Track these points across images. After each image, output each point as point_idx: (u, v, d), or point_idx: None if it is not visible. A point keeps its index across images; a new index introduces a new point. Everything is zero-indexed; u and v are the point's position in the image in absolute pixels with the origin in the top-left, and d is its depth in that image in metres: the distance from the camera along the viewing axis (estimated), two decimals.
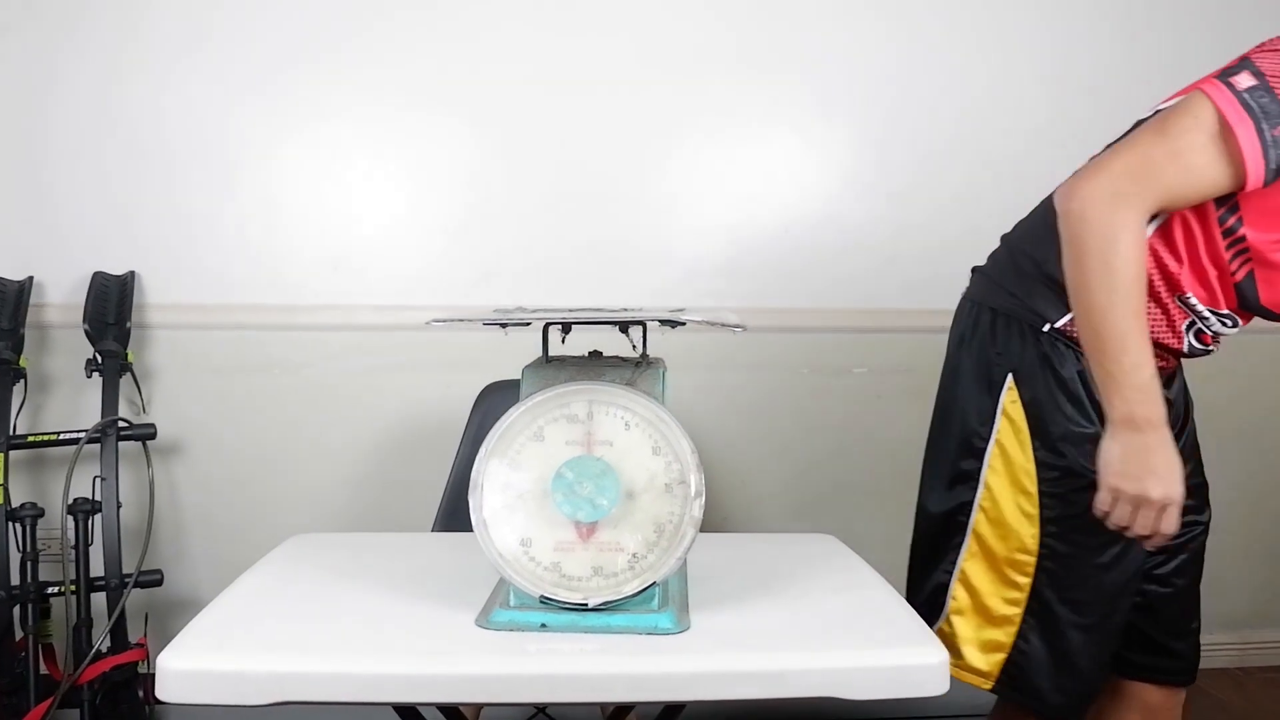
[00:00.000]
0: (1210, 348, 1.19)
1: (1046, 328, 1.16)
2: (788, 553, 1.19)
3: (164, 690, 0.81)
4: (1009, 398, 1.18)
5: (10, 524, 1.71)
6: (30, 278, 1.87)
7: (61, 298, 1.91)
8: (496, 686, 0.83)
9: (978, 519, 1.20)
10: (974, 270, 1.34)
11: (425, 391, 1.98)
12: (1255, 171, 1.01)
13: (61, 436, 1.79)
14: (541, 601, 0.89)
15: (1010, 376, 1.18)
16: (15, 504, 1.73)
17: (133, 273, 1.91)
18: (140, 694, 1.75)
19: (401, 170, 1.97)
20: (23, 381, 1.81)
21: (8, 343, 1.78)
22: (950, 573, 1.23)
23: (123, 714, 1.73)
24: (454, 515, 1.52)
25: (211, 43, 1.91)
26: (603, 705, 1.31)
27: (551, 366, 0.96)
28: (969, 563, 1.21)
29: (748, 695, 0.83)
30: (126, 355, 1.85)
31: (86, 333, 1.82)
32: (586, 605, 0.89)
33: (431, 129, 1.97)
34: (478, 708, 1.33)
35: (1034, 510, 1.16)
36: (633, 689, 0.85)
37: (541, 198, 1.99)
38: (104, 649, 1.71)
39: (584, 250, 2.00)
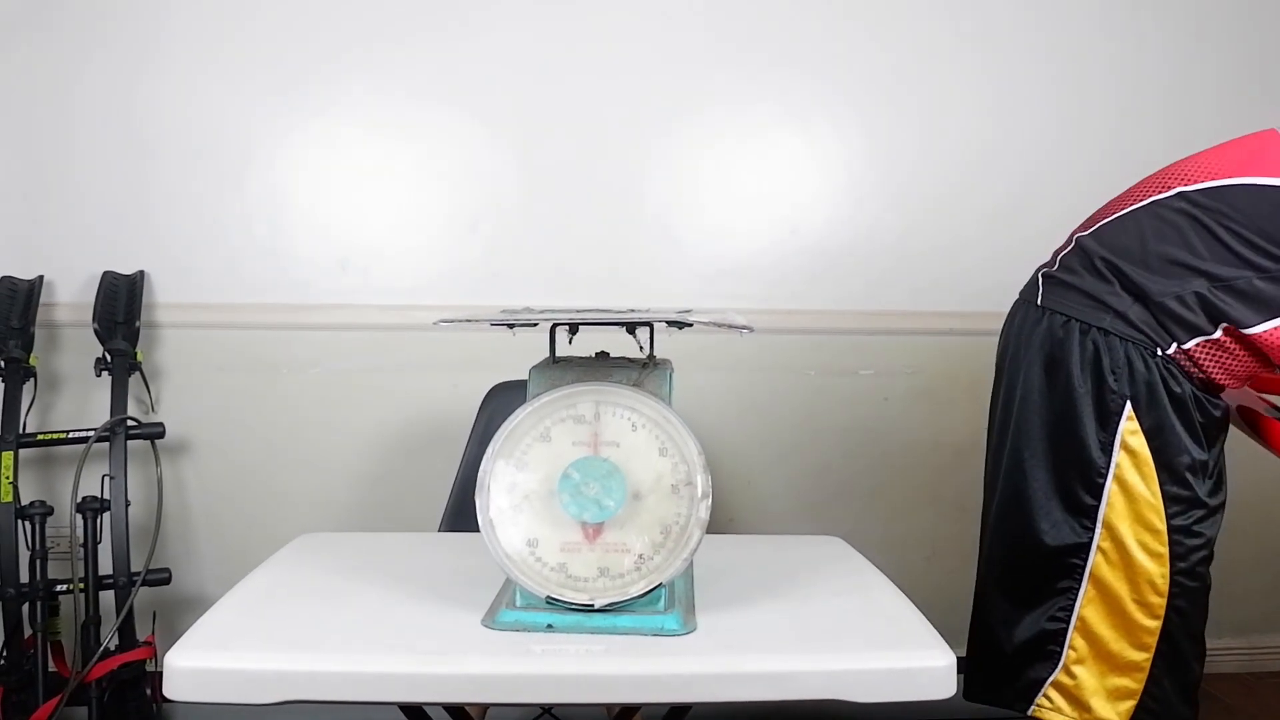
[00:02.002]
0: None
1: (1159, 353, 1.12)
2: (794, 554, 1.19)
3: (171, 688, 0.81)
4: (1128, 428, 1.12)
5: (20, 522, 1.72)
6: (40, 277, 1.88)
7: (71, 297, 1.92)
8: (502, 687, 0.83)
9: (1097, 562, 1.13)
10: (1045, 276, 1.26)
11: (432, 391, 1.98)
12: None
13: (71, 435, 1.80)
14: (548, 602, 0.89)
15: (1128, 405, 1.12)
16: (25, 502, 1.74)
17: (142, 272, 1.92)
18: (148, 692, 1.76)
19: (410, 170, 1.98)
20: (33, 380, 1.82)
21: (18, 341, 1.79)
22: (1065, 620, 1.15)
23: (130, 712, 1.73)
24: (461, 515, 1.52)
25: (221, 43, 1.92)
26: (608, 706, 1.31)
27: (558, 367, 0.96)
28: (1088, 609, 1.14)
29: (754, 697, 0.83)
30: (135, 354, 1.85)
31: (96, 332, 1.82)
32: (593, 606, 0.89)
33: (440, 129, 1.97)
34: (483, 708, 1.33)
35: (1163, 549, 1.11)
36: (638, 690, 0.84)
37: (549, 199, 1.99)
38: (112, 647, 1.72)
39: (591, 251, 2.00)
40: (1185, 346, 1.13)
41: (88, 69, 1.91)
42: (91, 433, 1.77)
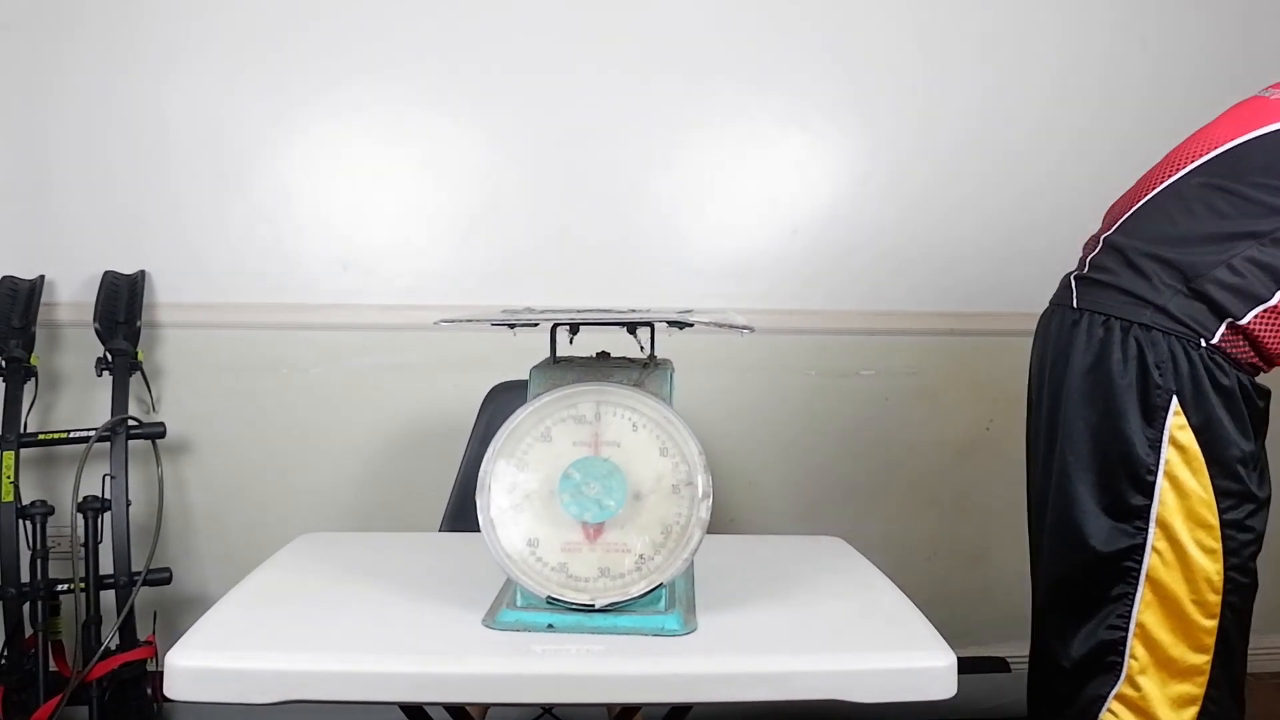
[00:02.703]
0: None
1: (1203, 344, 1.09)
2: (795, 555, 1.19)
3: (172, 688, 0.81)
4: (1176, 423, 1.09)
5: (21, 521, 1.72)
6: (41, 276, 1.88)
7: (72, 296, 1.92)
8: (503, 687, 0.83)
9: (1152, 564, 1.10)
10: (1078, 279, 1.24)
11: (433, 391, 1.98)
12: None
13: (72, 435, 1.80)
14: (548, 602, 0.89)
15: (1175, 400, 1.09)
16: (26, 501, 1.74)
17: (143, 272, 1.92)
18: (149, 691, 1.76)
19: (411, 170, 1.98)
20: (34, 380, 1.82)
21: (19, 341, 1.79)
22: (1124, 628, 1.11)
23: (131, 711, 1.74)
24: (461, 515, 1.52)
25: (223, 42, 1.92)
26: (609, 706, 1.31)
27: (559, 367, 0.96)
28: (1146, 613, 1.10)
29: (754, 697, 0.83)
30: (136, 354, 1.85)
31: (97, 331, 1.83)
32: (593, 606, 0.89)
33: (442, 129, 1.97)
34: (484, 708, 1.33)
35: (1216, 545, 1.08)
36: (639, 690, 0.84)
37: (550, 198, 1.99)
38: (113, 646, 1.72)
39: (592, 251, 2.00)
40: (1242, 322, 1.10)
41: (88, 67, 1.91)
42: (92, 432, 1.77)
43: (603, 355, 1.00)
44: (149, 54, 1.91)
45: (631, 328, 1.02)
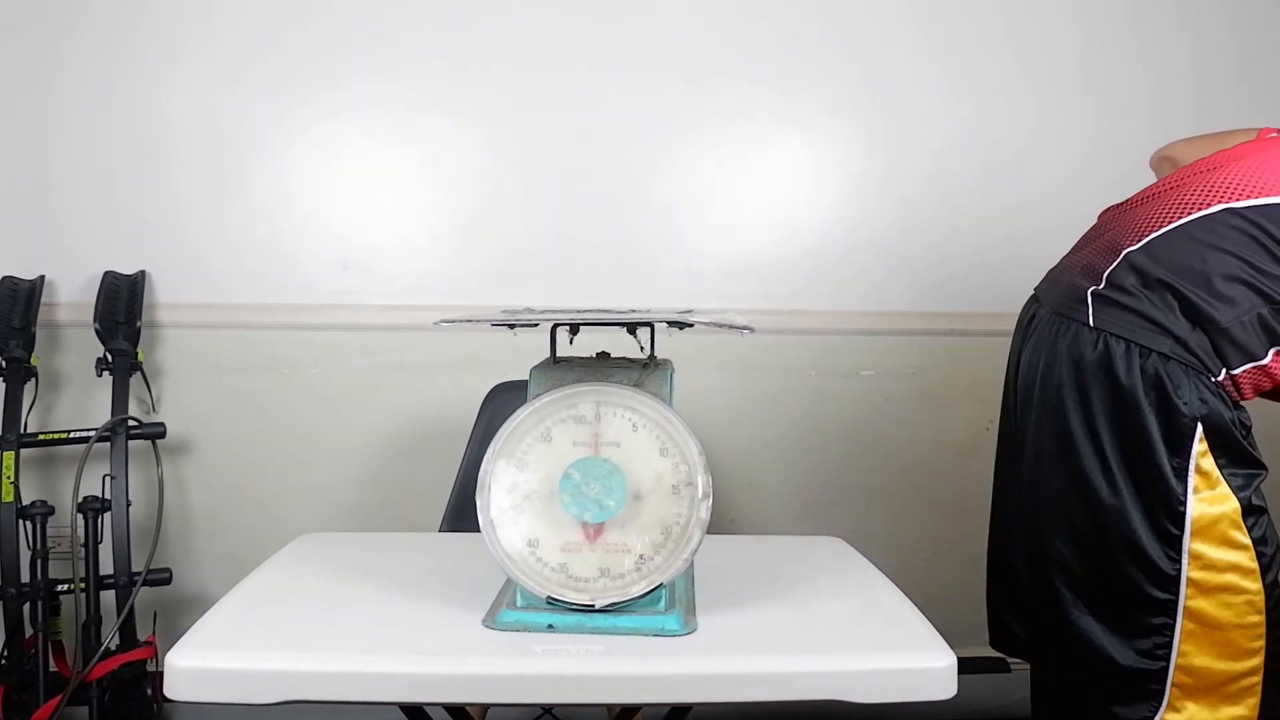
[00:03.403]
0: None
1: (1211, 379, 1.12)
2: (795, 555, 1.19)
3: (172, 688, 0.81)
4: (1199, 450, 1.11)
5: (21, 521, 1.72)
6: (42, 277, 1.88)
7: (72, 297, 1.92)
8: (503, 687, 0.83)
9: (1189, 594, 1.09)
10: (1095, 295, 1.22)
11: (433, 391, 1.98)
12: None
13: (72, 435, 1.80)
14: (548, 602, 0.89)
15: (1199, 427, 1.11)
16: (26, 501, 1.74)
17: (143, 272, 1.92)
18: (149, 691, 1.76)
19: (411, 170, 1.98)
20: (34, 380, 1.82)
21: (19, 341, 1.79)
22: (1165, 659, 1.11)
23: (131, 711, 1.74)
24: (461, 515, 1.52)
25: (223, 42, 1.92)
26: (609, 706, 1.31)
27: (559, 367, 0.96)
28: (1187, 644, 1.10)
29: (754, 697, 0.83)
30: (137, 354, 1.85)
31: (97, 332, 1.83)
32: (593, 606, 0.89)
33: (441, 129, 1.97)
34: (484, 708, 1.33)
35: (1252, 564, 1.09)
36: (639, 690, 0.84)
37: (550, 199, 1.99)
38: (113, 647, 1.72)
39: (592, 251, 2.00)
40: (1235, 371, 1.14)
41: (88, 67, 1.91)
42: (93, 433, 1.77)
43: (603, 355, 1.00)
44: (149, 54, 1.91)
45: (631, 328, 1.02)
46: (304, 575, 1.07)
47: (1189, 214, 1.18)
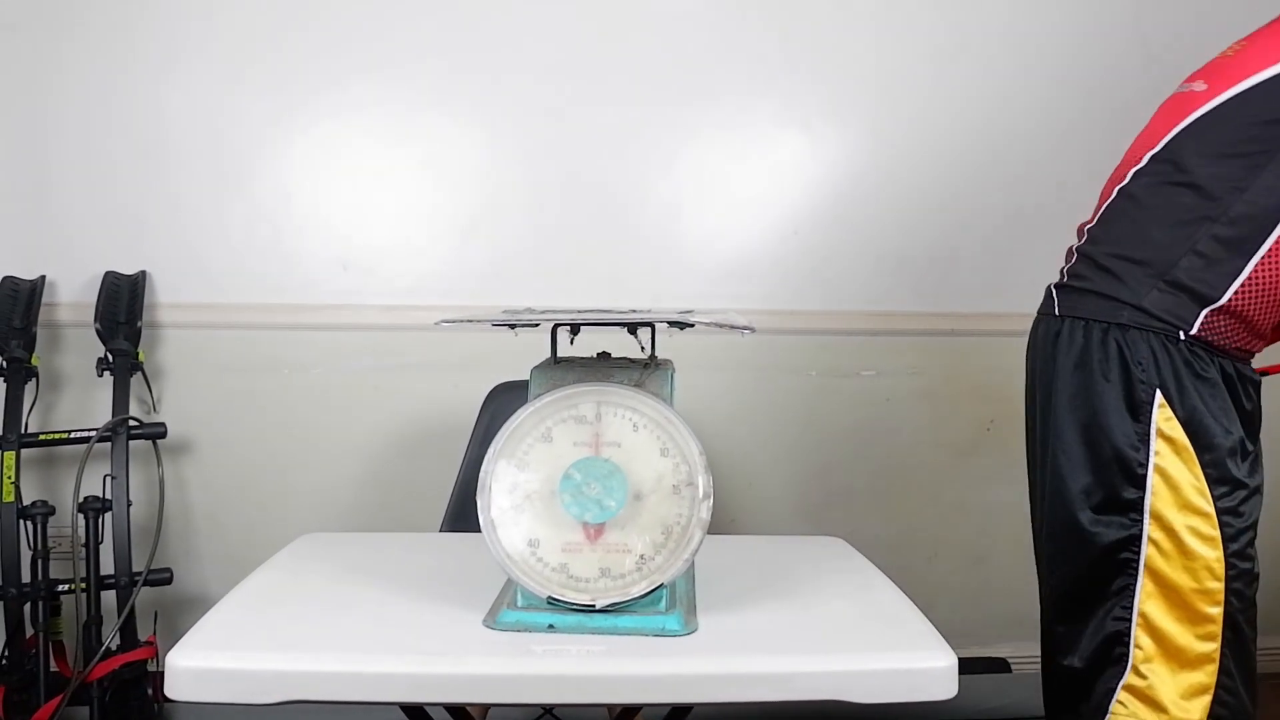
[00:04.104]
0: None
1: (1182, 336, 1.12)
2: (795, 555, 1.19)
3: (173, 688, 0.82)
4: (1162, 416, 1.11)
5: (21, 522, 1.72)
6: (42, 277, 1.88)
7: (73, 297, 1.92)
8: (503, 687, 0.83)
9: (1150, 554, 1.11)
10: (1058, 288, 1.27)
11: (434, 392, 1.99)
12: None
13: (73, 435, 1.80)
14: (549, 602, 0.89)
15: (1159, 394, 1.12)
16: (26, 502, 1.74)
17: (144, 272, 1.92)
18: (149, 692, 1.76)
19: (412, 171, 1.98)
20: (34, 380, 1.82)
21: (20, 341, 1.79)
22: (1126, 619, 1.13)
23: (132, 711, 1.74)
24: (462, 515, 1.52)
25: (223, 43, 1.92)
26: (610, 706, 1.31)
27: (560, 367, 0.96)
28: (1148, 604, 1.12)
29: (755, 698, 0.83)
30: (137, 354, 1.85)
31: (98, 332, 1.83)
32: (594, 606, 0.89)
33: (442, 129, 1.97)
34: (485, 708, 1.33)
35: (1214, 532, 1.09)
36: (640, 691, 0.84)
37: (551, 199, 1.99)
38: (113, 647, 1.72)
39: (593, 251, 2.00)
40: (1223, 301, 1.12)
41: (90, 68, 1.91)
42: (93, 433, 1.77)
43: (603, 355, 1.00)
44: (149, 54, 1.91)
45: (632, 328, 1.02)
46: (304, 575, 1.07)
47: (1110, 195, 1.25)
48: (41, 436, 1.80)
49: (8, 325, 1.79)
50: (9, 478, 1.72)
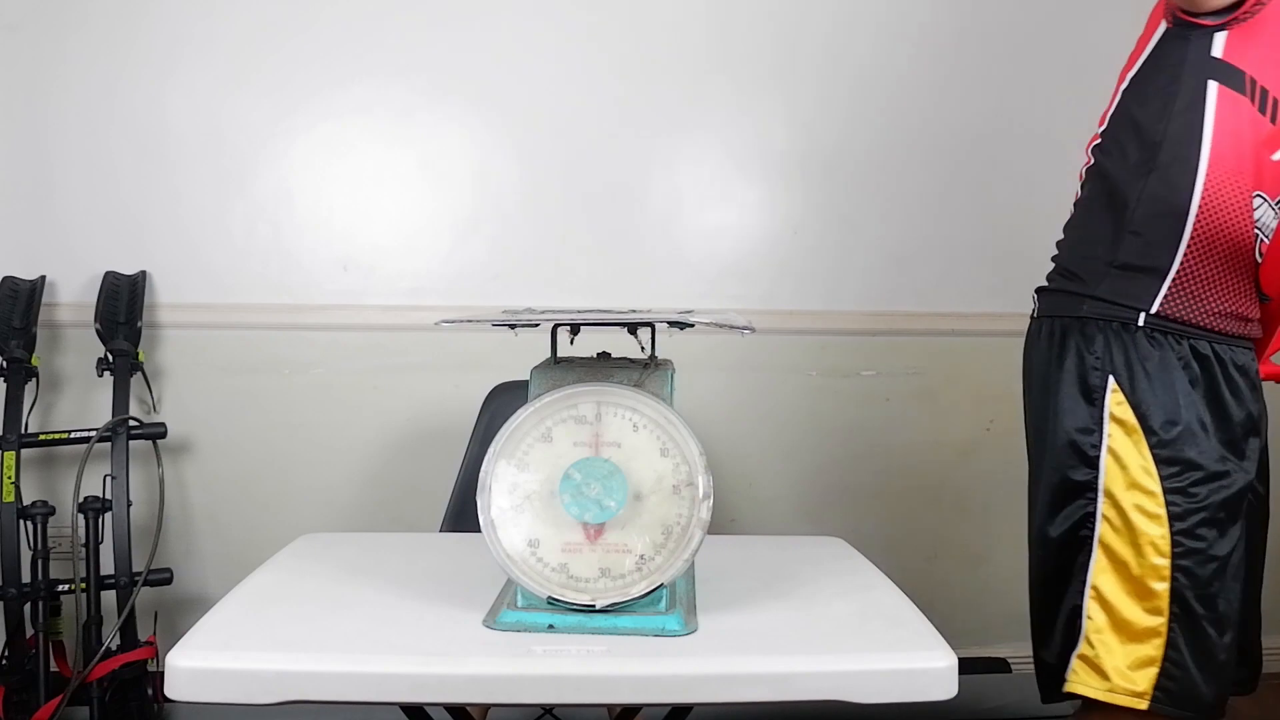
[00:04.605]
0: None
1: (1143, 319, 1.16)
2: (795, 555, 1.19)
3: (173, 688, 0.82)
4: (1114, 400, 1.15)
5: (21, 522, 1.72)
6: (42, 277, 1.88)
7: (73, 297, 1.92)
8: (503, 687, 0.83)
9: (1103, 530, 1.16)
10: (1039, 291, 1.32)
11: (434, 392, 1.99)
12: None
13: (73, 435, 1.80)
14: (549, 603, 0.89)
15: (1111, 379, 1.16)
16: (26, 502, 1.74)
17: (144, 272, 1.92)
18: (149, 692, 1.76)
19: (411, 171, 1.98)
20: (35, 380, 1.82)
21: (20, 341, 1.79)
22: (1083, 592, 1.17)
23: (132, 711, 1.74)
24: (462, 516, 1.52)
25: (223, 43, 1.92)
26: (610, 707, 1.31)
27: (560, 367, 0.96)
28: (1100, 577, 1.16)
29: (755, 698, 0.83)
30: (137, 354, 1.86)
31: (98, 332, 1.83)
32: (594, 606, 0.89)
33: (442, 129, 1.97)
34: (485, 708, 1.33)
35: (1160, 510, 1.13)
36: (640, 691, 0.84)
37: (551, 199, 1.99)
38: (114, 647, 1.72)
39: (593, 251, 2.00)
40: (1173, 271, 1.15)
41: (90, 68, 1.91)
42: (93, 433, 1.77)
43: (603, 356, 1.00)
44: (150, 55, 1.92)
45: (632, 328, 1.02)
46: (304, 575, 1.07)
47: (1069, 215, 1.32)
48: (41, 436, 1.80)
49: (8, 325, 1.79)
50: (9, 478, 1.72)
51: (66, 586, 1.73)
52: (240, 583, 1.03)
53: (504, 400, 1.63)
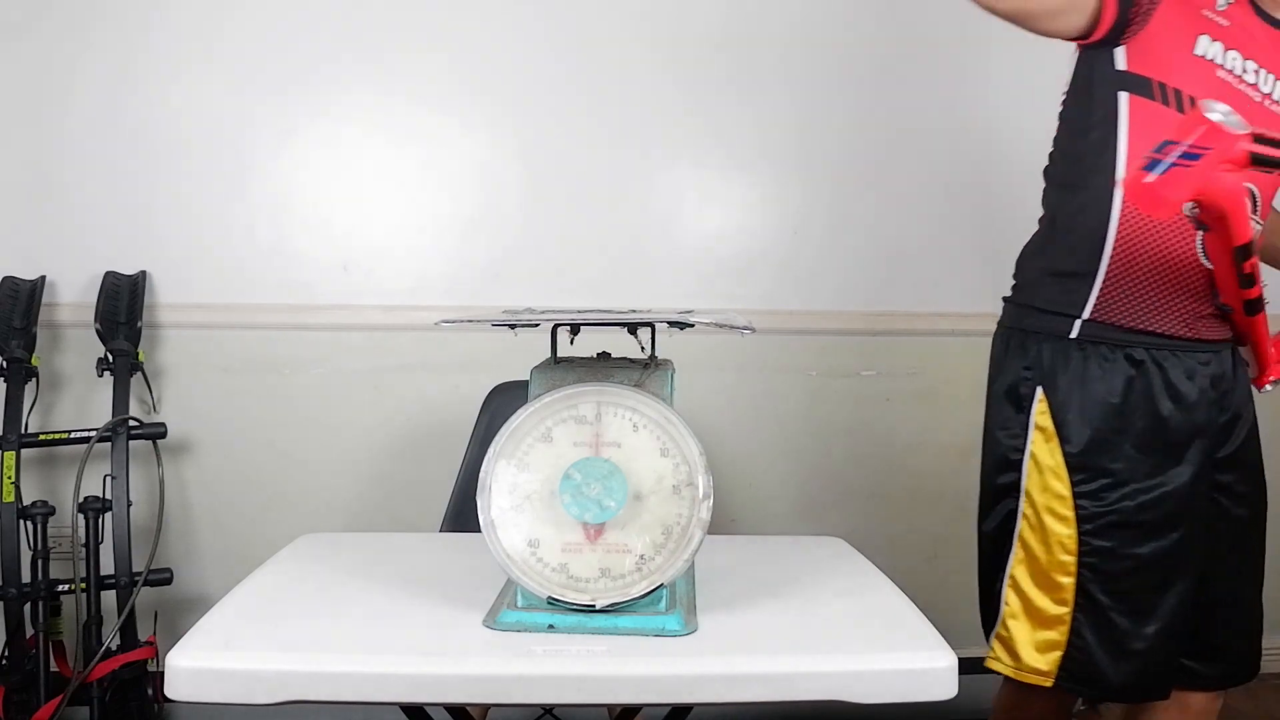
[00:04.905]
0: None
1: (1077, 327, 1.21)
2: (795, 555, 1.19)
3: (173, 688, 0.82)
4: (1039, 409, 1.23)
5: (21, 522, 1.72)
6: (43, 277, 1.88)
7: (73, 297, 1.92)
8: (503, 687, 0.83)
9: (1022, 526, 1.25)
10: (1003, 300, 1.38)
11: (434, 392, 1.99)
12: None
13: (73, 435, 1.80)
14: (549, 603, 0.89)
15: (1039, 390, 1.23)
16: (27, 502, 1.74)
17: (144, 272, 1.92)
18: (149, 692, 1.76)
19: (412, 172, 1.98)
20: (35, 380, 1.82)
21: (20, 342, 1.79)
22: (1003, 580, 1.27)
23: (132, 711, 1.74)
24: (462, 516, 1.52)
25: (223, 44, 1.92)
26: (610, 707, 1.31)
27: (560, 368, 0.97)
28: (1017, 568, 1.26)
29: (755, 698, 0.83)
30: (137, 354, 1.86)
31: (98, 332, 1.83)
32: (594, 607, 0.89)
33: (442, 129, 1.97)
34: (485, 708, 1.33)
35: (1069, 512, 1.21)
36: (640, 691, 0.84)
37: (551, 199, 1.99)
38: (114, 647, 1.72)
39: (593, 251, 2.00)
40: (1101, 275, 1.19)
41: (90, 69, 1.91)
42: (93, 433, 1.77)
43: (603, 356, 1.00)
44: (152, 56, 1.92)
45: (632, 328, 1.02)
46: (304, 575, 1.07)
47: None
48: (41, 436, 1.80)
49: (8, 325, 1.79)
50: (9, 478, 1.72)
51: (66, 586, 1.73)
52: (240, 583, 1.03)
53: (504, 400, 1.63)
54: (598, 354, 1.00)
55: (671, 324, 0.95)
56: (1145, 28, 1.14)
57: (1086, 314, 1.21)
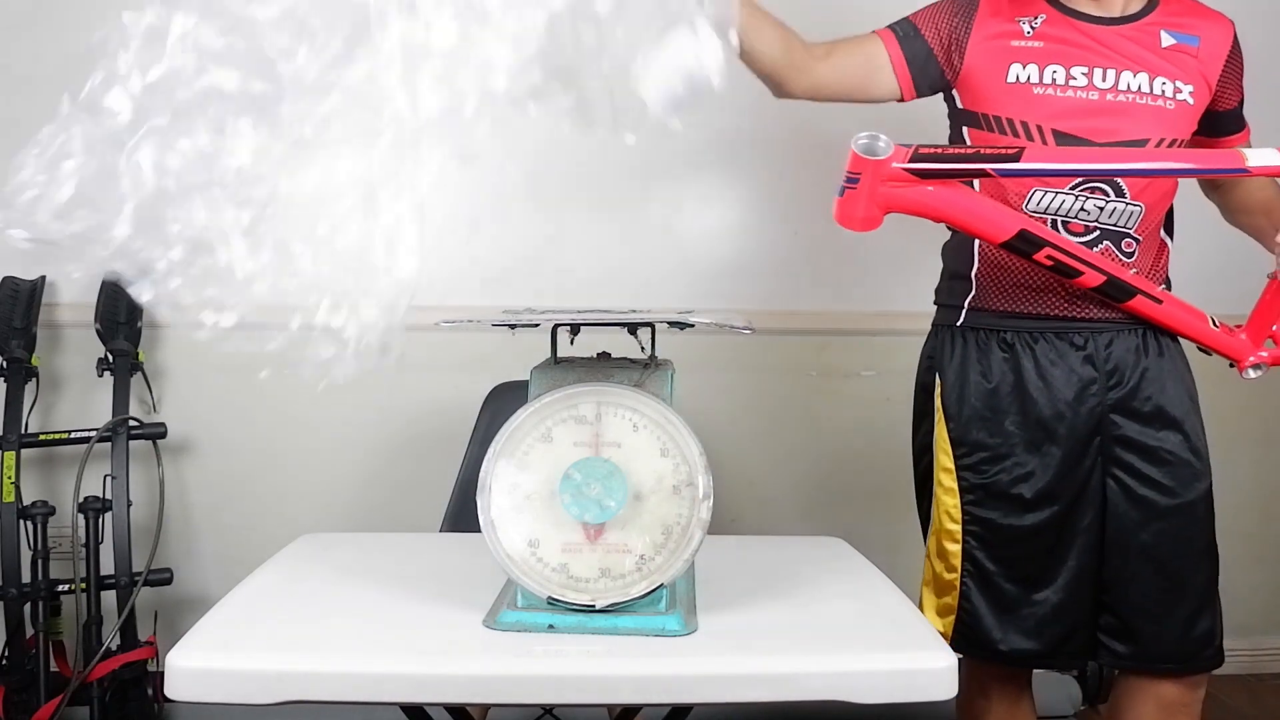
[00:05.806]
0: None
1: (962, 315, 1.33)
2: (795, 555, 1.19)
3: (173, 688, 0.82)
4: (939, 393, 1.34)
5: (21, 522, 1.72)
6: (43, 277, 1.88)
7: (73, 297, 1.92)
8: (503, 687, 0.83)
9: (934, 503, 1.36)
10: None
11: (434, 392, 1.98)
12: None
13: (73, 435, 1.80)
14: (549, 603, 0.89)
15: (937, 376, 1.35)
16: (27, 502, 1.74)
17: None
18: (149, 692, 1.76)
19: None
20: (35, 380, 1.82)
21: (20, 342, 1.79)
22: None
23: (132, 712, 1.74)
24: (462, 516, 1.52)
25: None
26: (610, 707, 1.32)
27: (560, 368, 0.97)
28: (930, 541, 1.38)
29: (754, 698, 0.83)
30: (137, 354, 1.86)
31: (98, 332, 1.83)
32: (594, 607, 0.89)
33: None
34: (485, 708, 1.33)
35: (953, 484, 1.31)
36: (639, 691, 0.85)
37: (551, 200, 1.99)
38: (114, 647, 1.72)
39: (593, 251, 2.00)
40: (975, 267, 1.33)
41: (92, 68, 1.90)
42: (93, 433, 1.77)
43: (603, 356, 1.00)
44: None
45: (632, 328, 1.02)
46: (304, 575, 1.07)
47: None
48: (41, 436, 1.80)
49: (8, 325, 1.79)
50: (9, 478, 1.72)
51: (66, 586, 1.73)
52: (240, 583, 1.03)
53: (504, 400, 1.64)
54: (598, 354, 1.00)
55: (671, 324, 0.95)
56: (961, 74, 1.33)
57: (967, 303, 1.33)
